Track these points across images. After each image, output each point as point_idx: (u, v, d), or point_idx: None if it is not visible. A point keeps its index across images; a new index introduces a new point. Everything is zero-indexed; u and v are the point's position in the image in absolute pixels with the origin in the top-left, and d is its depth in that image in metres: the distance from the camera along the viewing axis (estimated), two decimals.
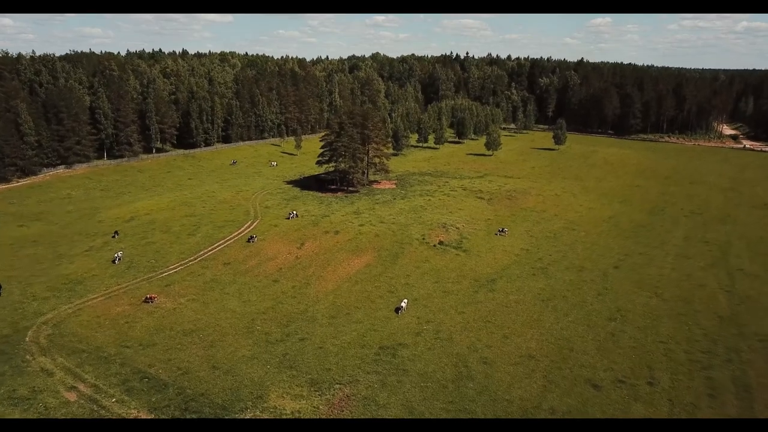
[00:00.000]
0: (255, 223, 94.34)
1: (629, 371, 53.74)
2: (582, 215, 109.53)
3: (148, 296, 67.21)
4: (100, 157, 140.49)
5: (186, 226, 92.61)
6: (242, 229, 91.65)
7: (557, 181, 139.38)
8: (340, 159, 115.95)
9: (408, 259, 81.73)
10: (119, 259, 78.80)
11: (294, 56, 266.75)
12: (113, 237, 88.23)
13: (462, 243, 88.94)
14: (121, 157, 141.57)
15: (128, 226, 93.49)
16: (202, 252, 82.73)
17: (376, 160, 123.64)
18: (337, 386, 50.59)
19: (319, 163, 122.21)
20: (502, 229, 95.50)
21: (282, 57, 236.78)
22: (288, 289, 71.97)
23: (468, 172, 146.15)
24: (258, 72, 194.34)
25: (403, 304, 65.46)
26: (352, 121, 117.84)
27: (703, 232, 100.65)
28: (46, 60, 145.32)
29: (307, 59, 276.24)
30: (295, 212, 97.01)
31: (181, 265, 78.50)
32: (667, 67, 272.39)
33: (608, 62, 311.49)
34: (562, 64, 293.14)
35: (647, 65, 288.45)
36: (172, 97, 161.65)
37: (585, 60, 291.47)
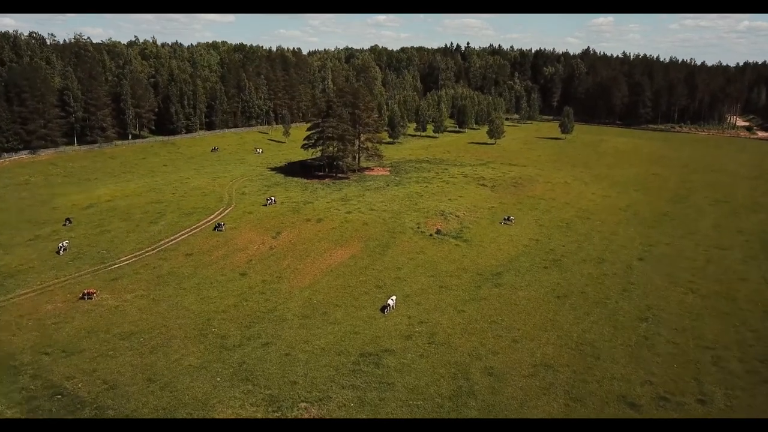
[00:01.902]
0: (227, 211, 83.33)
1: (672, 385, 42.68)
2: (596, 203, 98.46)
3: (86, 291, 56.25)
4: (70, 143, 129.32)
5: (149, 214, 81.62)
6: (212, 216, 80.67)
7: (566, 169, 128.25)
8: (328, 142, 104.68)
9: (400, 249, 70.71)
10: (64, 249, 67.85)
11: (290, 47, 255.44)
12: (64, 225, 77.35)
13: (462, 232, 77.93)
14: (94, 143, 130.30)
15: (84, 214, 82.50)
16: (162, 241, 71.75)
17: (368, 144, 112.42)
18: (303, 405, 39.63)
19: (305, 147, 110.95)
20: (508, 217, 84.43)
21: (278, 47, 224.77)
22: (257, 283, 60.95)
23: (469, 160, 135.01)
24: (245, 56, 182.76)
25: (390, 302, 54.39)
26: (341, 101, 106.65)
27: (734, 221, 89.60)
28: (7, 37, 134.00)
29: (304, 52, 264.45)
30: (273, 198, 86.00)
31: (135, 256, 67.53)
32: (676, 59, 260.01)
33: (614, 55, 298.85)
34: (567, 56, 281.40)
35: (654, 57, 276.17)
36: (152, 80, 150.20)
37: (591, 49, 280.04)
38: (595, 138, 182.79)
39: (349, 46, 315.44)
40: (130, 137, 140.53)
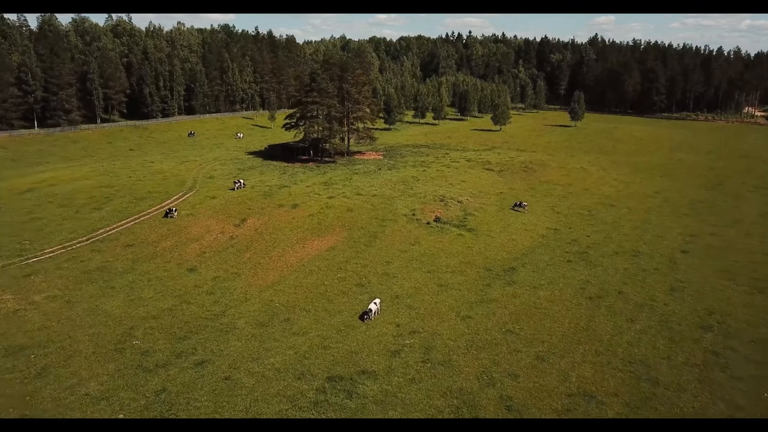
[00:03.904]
0: (187, 195, 70.47)
1: None
2: (619, 190, 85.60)
3: None
4: (31, 126, 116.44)
5: (94, 199, 68.83)
6: (168, 201, 67.86)
7: (580, 155, 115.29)
8: (312, 120, 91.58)
9: (390, 240, 57.87)
10: None
11: (282, 35, 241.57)
12: None
13: (466, 220, 65.11)
14: (56, 126, 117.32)
15: (19, 199, 69.73)
16: (101, 230, 58.95)
17: (359, 125, 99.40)
18: None
19: (286, 126, 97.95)
20: (520, 202, 71.61)
21: (268, 31, 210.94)
22: (206, 281, 48.19)
23: (473, 145, 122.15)
24: (229, 36, 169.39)
25: (372, 307, 41.54)
26: (327, 74, 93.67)
27: None
28: None
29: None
30: (242, 181, 73.17)
31: (64, 247, 54.75)
32: (690, 46, 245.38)
33: (624, 41, 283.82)
34: (575, 44, 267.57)
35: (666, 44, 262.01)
36: (124, 60, 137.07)
37: (599, 37, 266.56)
38: (607, 126, 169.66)
39: (346, 36, 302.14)
40: (98, 121, 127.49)
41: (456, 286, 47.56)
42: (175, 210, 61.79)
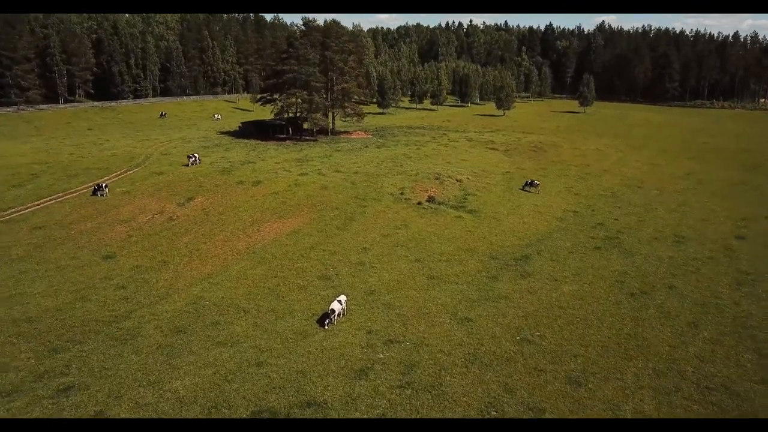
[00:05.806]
0: (130, 172, 58.75)
1: None
2: (644, 171, 74.05)
3: None
4: None
5: (18, 176, 57.22)
6: (108, 178, 56.13)
7: (593, 138, 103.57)
8: (289, 92, 79.63)
9: (371, 222, 46.17)
10: None
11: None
12: None
13: (467, 200, 53.42)
14: (13, 105, 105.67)
15: None
16: (11, 210, 47.33)
17: (346, 104, 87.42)
18: None
19: (261, 101, 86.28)
20: (531, 181, 59.94)
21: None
22: (122, 271, 36.52)
23: (474, 128, 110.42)
24: (210, 13, 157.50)
25: (336, 306, 29.76)
26: (307, 39, 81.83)
27: None
28: None
29: None
30: (196, 156, 61.50)
31: None
32: (703, 33, 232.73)
33: (634, 27, 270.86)
34: (581, 32, 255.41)
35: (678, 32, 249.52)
36: (93, 36, 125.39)
37: (606, 24, 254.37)
38: (619, 112, 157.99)
39: (341, 24, 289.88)
40: (61, 101, 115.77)
41: (452, 278, 35.86)
42: (106, 186, 50.12)
